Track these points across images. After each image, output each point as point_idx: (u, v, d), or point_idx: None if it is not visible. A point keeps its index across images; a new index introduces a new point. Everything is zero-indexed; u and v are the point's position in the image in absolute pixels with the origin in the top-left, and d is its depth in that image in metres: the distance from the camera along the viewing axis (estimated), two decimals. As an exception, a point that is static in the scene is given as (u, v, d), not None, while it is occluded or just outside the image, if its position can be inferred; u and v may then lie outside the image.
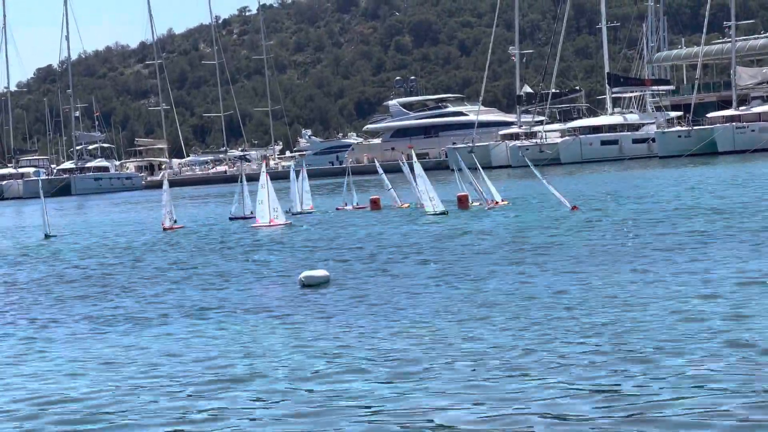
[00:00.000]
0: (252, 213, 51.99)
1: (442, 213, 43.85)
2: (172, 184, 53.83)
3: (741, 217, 33.49)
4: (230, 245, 37.43)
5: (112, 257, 36.14)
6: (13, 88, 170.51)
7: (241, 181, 53.14)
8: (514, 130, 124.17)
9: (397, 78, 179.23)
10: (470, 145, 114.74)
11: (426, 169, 49.64)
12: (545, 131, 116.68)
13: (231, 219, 52.32)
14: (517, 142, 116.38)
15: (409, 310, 19.27)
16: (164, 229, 47.48)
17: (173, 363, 15.77)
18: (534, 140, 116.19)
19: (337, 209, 55.19)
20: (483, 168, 52.36)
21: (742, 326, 15.65)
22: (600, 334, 15.79)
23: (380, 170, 56.27)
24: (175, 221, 48.62)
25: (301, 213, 53.12)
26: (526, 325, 16.88)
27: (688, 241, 27.80)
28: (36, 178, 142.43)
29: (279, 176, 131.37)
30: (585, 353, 14.48)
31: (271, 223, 44.24)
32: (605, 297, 19.27)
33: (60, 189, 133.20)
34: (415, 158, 47.85)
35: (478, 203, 47.93)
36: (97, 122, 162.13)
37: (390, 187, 53.91)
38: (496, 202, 47.09)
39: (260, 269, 28.60)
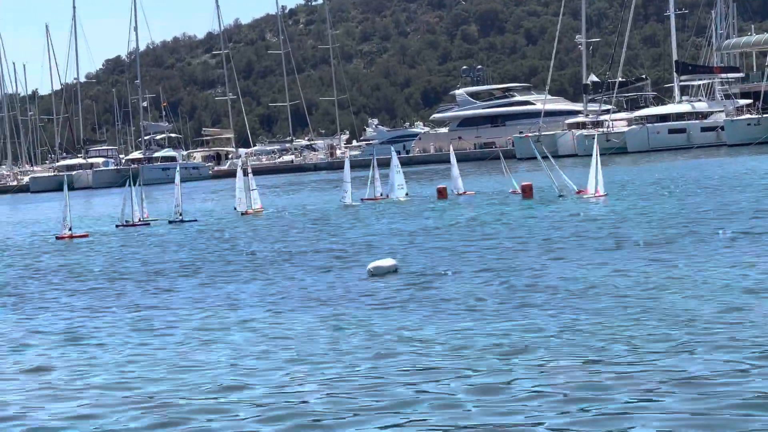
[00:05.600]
0: (140, 220, 47.80)
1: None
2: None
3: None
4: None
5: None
6: (82, 79, 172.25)
7: (130, 185, 48.24)
8: (580, 119, 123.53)
9: (464, 67, 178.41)
10: (537, 134, 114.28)
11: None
12: (612, 120, 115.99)
13: (118, 227, 47.24)
14: (584, 131, 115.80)
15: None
16: (57, 238, 42.95)
17: (251, 353, 15.91)
18: (601, 129, 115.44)
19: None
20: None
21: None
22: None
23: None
24: (70, 228, 43.06)
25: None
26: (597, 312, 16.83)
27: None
28: (105, 168, 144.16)
29: (342, 166, 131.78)
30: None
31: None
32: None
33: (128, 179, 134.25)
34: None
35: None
36: (164, 112, 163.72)
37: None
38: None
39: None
